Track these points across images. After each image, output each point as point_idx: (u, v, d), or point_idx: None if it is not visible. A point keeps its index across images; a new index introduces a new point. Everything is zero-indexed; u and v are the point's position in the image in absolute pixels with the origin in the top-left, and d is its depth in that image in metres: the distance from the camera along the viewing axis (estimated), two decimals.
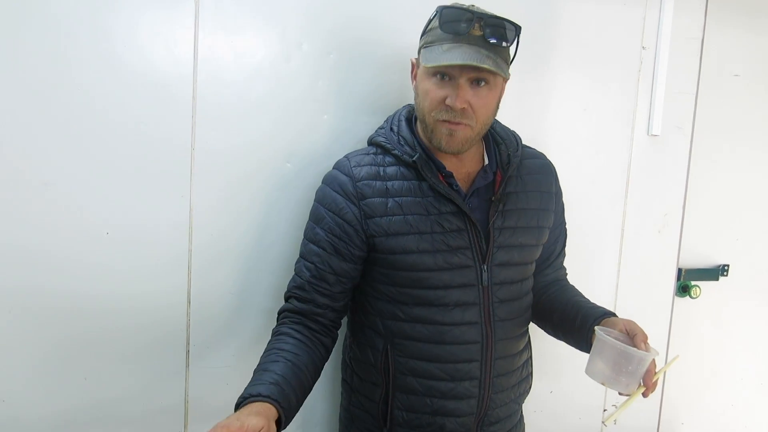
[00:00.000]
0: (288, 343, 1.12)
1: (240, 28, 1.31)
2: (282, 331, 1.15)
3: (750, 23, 1.87)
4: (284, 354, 1.10)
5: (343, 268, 1.18)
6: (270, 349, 1.12)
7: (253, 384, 1.02)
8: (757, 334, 2.03)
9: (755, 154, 1.94)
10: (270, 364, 1.07)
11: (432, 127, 1.14)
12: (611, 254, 1.75)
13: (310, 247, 1.19)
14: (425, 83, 1.13)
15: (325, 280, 1.17)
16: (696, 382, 1.98)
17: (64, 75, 1.19)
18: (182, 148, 1.29)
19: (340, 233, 1.16)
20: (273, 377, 1.03)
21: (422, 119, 1.16)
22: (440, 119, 1.12)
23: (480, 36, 1.09)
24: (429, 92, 1.12)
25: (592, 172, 1.70)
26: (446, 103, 1.11)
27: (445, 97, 1.11)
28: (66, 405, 1.27)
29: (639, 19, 1.70)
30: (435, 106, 1.12)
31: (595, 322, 1.18)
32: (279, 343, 1.12)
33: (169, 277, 1.31)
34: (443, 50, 1.08)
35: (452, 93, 1.10)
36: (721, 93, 1.85)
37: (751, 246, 1.98)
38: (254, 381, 1.04)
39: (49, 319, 1.24)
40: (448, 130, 1.13)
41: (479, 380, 1.20)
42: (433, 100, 1.12)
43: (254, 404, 0.97)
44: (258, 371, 1.07)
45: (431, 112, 1.13)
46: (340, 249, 1.17)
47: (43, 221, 1.21)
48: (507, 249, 1.21)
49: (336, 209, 1.17)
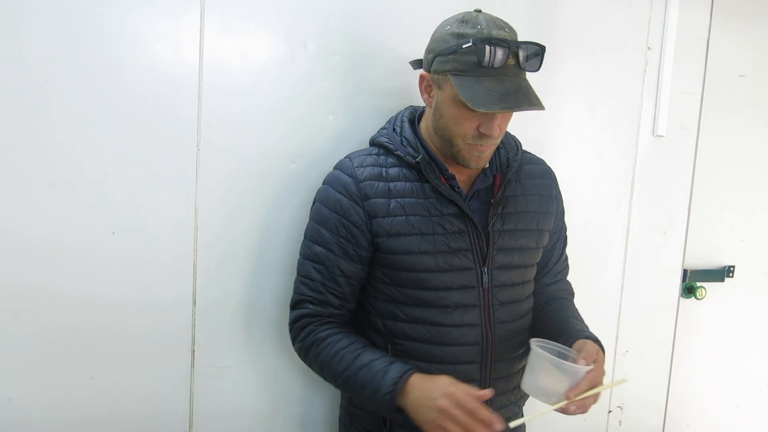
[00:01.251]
0: (342, 339, 1.16)
1: (245, 29, 1.31)
2: (323, 336, 1.17)
3: (755, 24, 1.87)
4: (355, 346, 1.14)
5: (351, 269, 1.18)
6: (336, 353, 1.14)
7: (381, 377, 1.07)
8: (763, 335, 2.03)
9: (761, 155, 1.94)
10: (359, 359, 1.11)
11: (461, 148, 1.14)
12: (616, 255, 1.75)
13: (317, 249, 1.18)
14: (454, 110, 1.10)
15: (336, 282, 1.17)
16: (701, 383, 1.97)
17: (69, 75, 1.19)
18: (188, 149, 1.29)
19: (347, 234, 1.16)
20: (383, 362, 1.10)
21: (448, 139, 1.15)
22: (474, 143, 1.13)
23: (514, 65, 1.08)
24: (459, 120, 1.11)
25: (598, 172, 1.69)
26: (481, 131, 1.11)
27: (477, 126, 1.11)
28: (71, 405, 1.28)
29: (644, 20, 1.70)
30: (468, 133, 1.12)
31: (574, 340, 1.16)
32: (338, 344, 1.15)
33: (174, 277, 1.32)
34: (486, 87, 1.05)
35: (487, 123, 1.10)
36: (727, 93, 1.85)
37: (756, 247, 1.97)
38: (374, 375, 1.08)
39: (55, 319, 1.24)
40: (478, 152, 1.14)
41: (479, 382, 1.20)
42: (465, 128, 1.11)
43: (412, 380, 1.06)
44: (358, 372, 1.10)
45: (464, 137, 1.12)
46: (348, 250, 1.17)
47: (48, 221, 1.21)
48: (507, 251, 1.21)
49: (341, 210, 1.16)
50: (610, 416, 1.81)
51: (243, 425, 1.41)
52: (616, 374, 1.78)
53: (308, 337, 1.18)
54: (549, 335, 1.24)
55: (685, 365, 1.91)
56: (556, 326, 1.27)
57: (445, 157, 1.20)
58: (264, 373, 1.42)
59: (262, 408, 1.43)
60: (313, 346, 1.17)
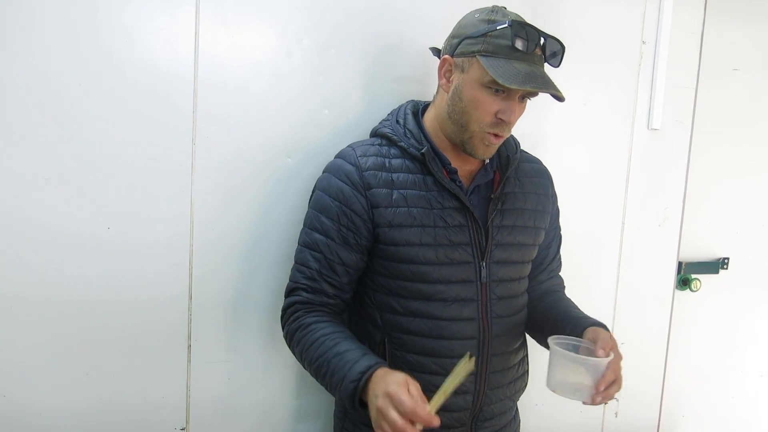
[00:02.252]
0: (326, 327, 1.13)
1: (241, 23, 1.31)
2: (309, 322, 1.15)
3: (749, 17, 1.87)
4: (336, 335, 1.11)
5: (351, 258, 1.17)
6: (317, 339, 1.11)
7: (349, 366, 1.04)
8: (758, 326, 2.04)
9: (754, 148, 1.94)
10: (336, 347, 1.08)
11: (474, 134, 1.15)
12: (612, 248, 1.76)
13: (316, 237, 1.18)
14: (477, 92, 1.12)
15: (334, 270, 1.17)
16: (697, 374, 1.98)
17: (64, 70, 1.19)
18: (183, 143, 1.29)
19: (348, 223, 1.16)
20: (357, 352, 1.06)
21: (463, 124, 1.15)
22: (489, 131, 1.14)
23: (540, 56, 1.12)
24: (482, 104, 1.12)
25: (593, 166, 1.70)
26: (499, 117, 1.12)
27: (497, 111, 1.12)
28: (68, 400, 1.28)
29: (639, 14, 1.70)
30: (487, 119, 1.13)
31: (582, 330, 1.18)
32: (320, 331, 1.12)
33: (170, 271, 1.31)
34: (513, 67, 1.07)
35: (507, 108, 1.12)
36: (721, 87, 1.86)
37: (750, 239, 1.98)
38: (344, 364, 1.04)
39: (50, 315, 1.24)
40: (489, 142, 1.15)
41: (475, 376, 1.20)
42: (486, 113, 1.12)
43: (377, 373, 1.01)
44: (331, 359, 1.07)
45: (481, 122, 1.13)
46: (348, 239, 1.16)
47: (44, 218, 1.21)
48: (505, 247, 1.22)
49: (343, 199, 1.16)
50: (606, 408, 1.82)
51: (239, 419, 1.42)
52: None
53: (294, 323, 1.17)
54: (551, 326, 1.26)
55: (680, 357, 1.92)
56: (557, 317, 1.28)
57: (449, 149, 1.20)
58: (260, 368, 1.42)
59: (258, 402, 1.43)
60: (297, 331, 1.15)
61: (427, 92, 1.36)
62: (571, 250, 1.46)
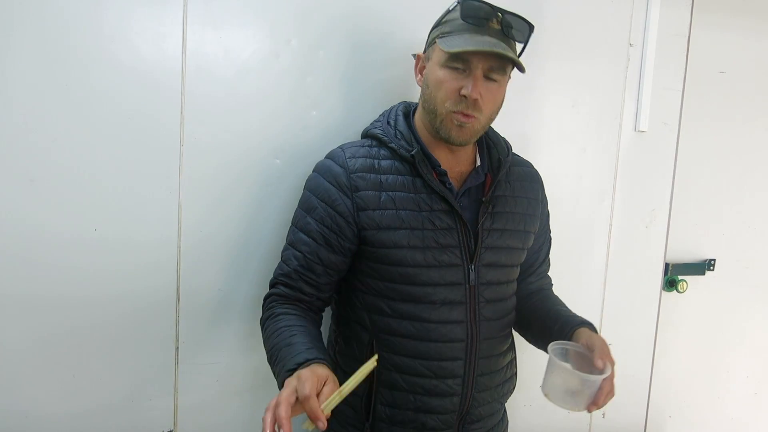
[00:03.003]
0: (291, 319, 1.13)
1: (229, 24, 1.31)
2: (279, 312, 1.15)
3: (735, 21, 1.89)
4: (296, 328, 1.10)
5: (331, 260, 1.17)
6: (278, 329, 1.11)
7: (291, 357, 1.02)
8: (743, 327, 2.05)
9: (741, 150, 1.96)
10: (291, 338, 1.07)
11: (443, 117, 1.15)
12: (599, 249, 1.77)
13: (300, 236, 1.18)
14: (439, 73, 1.13)
15: (313, 270, 1.17)
16: (683, 375, 2.00)
17: (50, 71, 1.18)
18: (171, 144, 1.29)
19: (332, 224, 1.16)
20: (304, 345, 1.04)
21: (432, 109, 1.16)
22: (454, 110, 1.13)
23: (498, 30, 1.11)
24: (444, 82, 1.13)
25: (580, 167, 1.71)
26: (461, 93, 1.11)
27: (460, 88, 1.11)
28: (54, 403, 1.27)
29: (626, 17, 1.71)
30: (449, 97, 1.13)
31: (571, 330, 1.19)
32: (284, 321, 1.12)
33: (158, 273, 1.31)
34: (464, 39, 1.09)
35: (468, 83, 1.11)
36: (707, 89, 1.87)
37: (736, 241, 2.00)
38: (289, 354, 1.03)
39: (37, 317, 1.23)
40: (459, 122, 1.14)
41: (462, 378, 1.20)
42: (448, 90, 1.12)
43: (308, 367, 0.97)
44: (282, 348, 1.06)
45: (445, 102, 1.13)
46: (331, 241, 1.16)
47: (30, 218, 1.20)
48: (494, 250, 1.22)
49: (329, 200, 1.16)
50: None
51: (228, 421, 1.41)
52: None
53: (267, 311, 1.18)
54: (538, 324, 1.28)
55: (667, 357, 1.93)
56: (544, 315, 1.29)
57: (440, 151, 1.20)
58: (248, 369, 1.41)
59: (246, 404, 1.42)
60: (267, 320, 1.16)
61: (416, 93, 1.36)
62: (559, 251, 1.46)
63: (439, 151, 1.21)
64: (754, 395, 2.13)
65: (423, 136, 1.21)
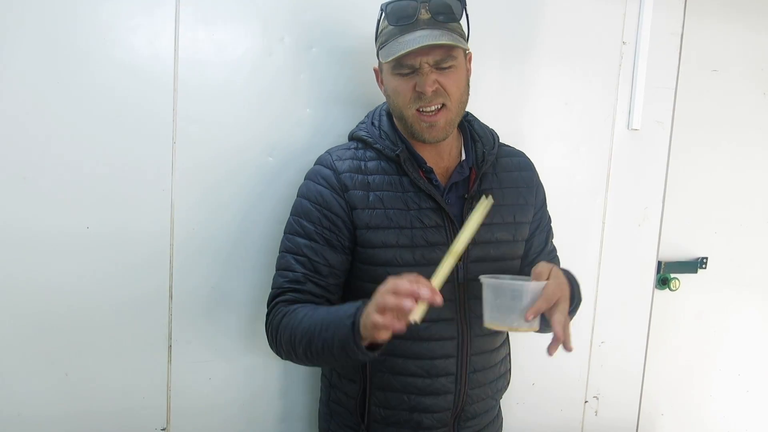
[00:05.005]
0: (309, 306, 1.11)
1: (221, 22, 1.30)
2: (292, 308, 1.12)
3: (728, 19, 1.89)
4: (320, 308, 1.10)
5: (336, 259, 1.17)
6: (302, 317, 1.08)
7: (341, 313, 1.01)
8: (735, 325, 2.06)
9: (733, 148, 1.97)
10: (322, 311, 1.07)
11: (411, 121, 1.15)
12: (592, 247, 1.77)
13: (299, 241, 1.17)
14: (392, 82, 1.15)
15: (319, 272, 1.16)
16: (676, 373, 2.01)
17: (43, 67, 1.18)
18: (163, 142, 1.28)
19: (330, 225, 1.16)
20: (342, 306, 1.04)
21: (400, 116, 1.17)
22: (416, 110, 1.13)
23: (429, 18, 1.10)
24: (398, 88, 1.14)
25: (573, 166, 1.71)
26: (416, 90, 1.11)
27: (413, 87, 1.12)
28: (46, 402, 1.26)
29: (619, 15, 1.71)
30: (408, 99, 1.13)
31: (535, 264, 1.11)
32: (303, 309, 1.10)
33: (150, 271, 1.31)
34: (399, 43, 1.10)
35: (419, 80, 1.11)
36: (700, 88, 1.88)
37: (728, 239, 2.01)
38: (336, 314, 1.02)
39: (29, 315, 1.23)
40: (427, 123, 1.14)
41: (455, 376, 1.20)
42: (404, 94, 1.13)
43: None
44: (323, 319, 1.04)
45: (406, 106, 1.14)
46: (332, 240, 1.16)
47: (22, 216, 1.20)
48: (482, 245, 1.21)
49: (323, 202, 1.16)
50: (586, 406, 1.83)
51: (221, 420, 1.41)
52: (592, 364, 1.81)
53: (278, 316, 1.14)
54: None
55: (659, 355, 1.94)
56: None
57: (424, 149, 1.20)
58: (242, 368, 1.41)
59: (240, 403, 1.42)
60: (283, 319, 1.12)
61: None
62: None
63: (424, 148, 1.20)
64: (746, 393, 2.14)
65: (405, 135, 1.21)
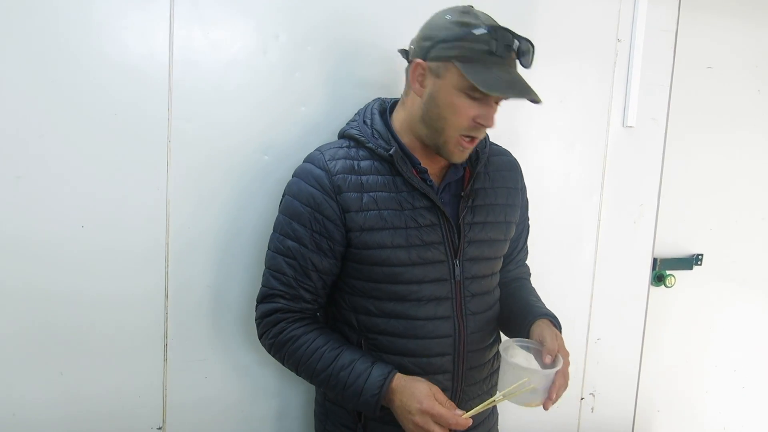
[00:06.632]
0: (320, 338, 1.16)
1: (216, 20, 1.30)
2: (298, 334, 1.17)
3: (722, 16, 1.90)
4: (332, 344, 1.15)
5: (324, 264, 1.17)
6: (314, 352, 1.15)
7: (365, 379, 1.10)
8: (730, 321, 2.07)
9: (727, 145, 1.97)
10: (341, 358, 1.13)
11: (450, 141, 1.13)
12: (588, 245, 1.77)
13: (289, 244, 1.16)
14: (454, 98, 1.10)
15: (309, 276, 1.16)
16: (671, 369, 2.01)
17: (37, 67, 1.17)
18: (158, 141, 1.28)
19: (321, 229, 1.15)
20: (362, 361, 1.13)
21: (439, 129, 1.13)
22: (465, 135, 1.13)
23: (515, 59, 1.11)
24: (460, 108, 1.10)
25: (569, 163, 1.71)
26: (478, 122, 1.11)
27: (475, 116, 1.10)
28: (42, 401, 1.26)
29: (614, 12, 1.71)
30: (464, 123, 1.11)
31: (531, 323, 1.22)
32: (314, 342, 1.15)
33: (146, 270, 1.30)
34: (496, 75, 1.07)
35: (485, 113, 1.11)
36: (695, 85, 1.88)
37: (723, 235, 2.01)
38: (359, 376, 1.11)
39: (24, 315, 1.22)
40: (462, 148, 1.14)
41: (452, 373, 1.21)
42: (462, 116, 1.10)
43: (396, 384, 1.10)
44: (342, 370, 1.12)
45: (458, 127, 1.11)
46: (322, 245, 1.15)
47: (16, 216, 1.19)
48: (477, 244, 1.22)
49: (314, 204, 1.14)
50: (583, 403, 1.83)
51: (217, 419, 1.41)
52: (588, 361, 1.81)
53: (282, 334, 1.17)
54: (507, 312, 1.30)
55: (655, 352, 1.95)
56: (514, 304, 1.31)
57: (418, 149, 1.19)
58: (237, 366, 1.41)
59: (236, 401, 1.42)
60: (288, 344, 1.16)
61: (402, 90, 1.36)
62: (548, 246, 1.47)
63: (418, 148, 1.19)
64: (742, 389, 2.15)
65: (402, 135, 1.19)
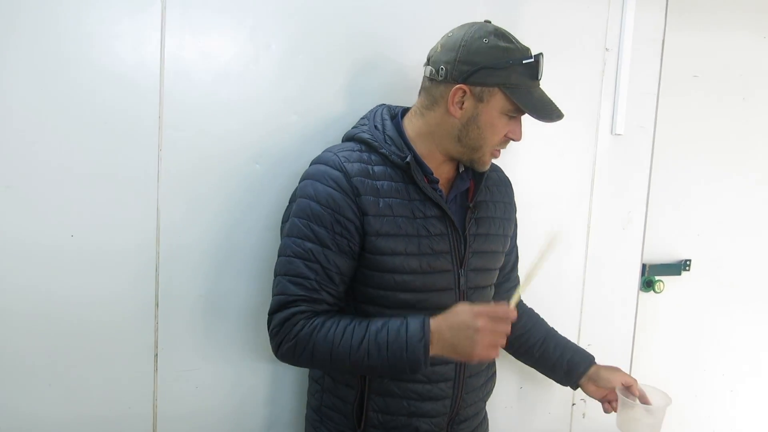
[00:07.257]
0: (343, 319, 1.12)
1: (207, 29, 1.30)
2: (321, 321, 1.11)
3: (707, 26, 1.92)
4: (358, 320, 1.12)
5: (347, 266, 1.14)
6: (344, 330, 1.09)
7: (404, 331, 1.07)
8: (719, 326, 2.09)
9: (714, 152, 1.99)
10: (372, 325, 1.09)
11: (483, 154, 1.19)
12: (577, 251, 1.78)
13: (309, 246, 1.12)
14: (496, 119, 1.16)
15: (332, 279, 1.13)
16: (661, 374, 2.02)
17: (28, 75, 1.17)
18: (149, 149, 1.28)
19: (342, 230, 1.12)
20: (394, 320, 1.09)
21: (476, 147, 1.18)
22: (494, 150, 1.21)
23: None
24: (498, 128, 1.17)
25: (558, 171, 1.72)
26: (509, 137, 1.19)
27: (508, 132, 1.19)
28: (30, 413, 1.25)
29: (602, 21, 1.73)
30: (497, 141, 1.19)
31: (584, 370, 1.41)
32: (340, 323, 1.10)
33: (136, 279, 1.30)
34: (537, 98, 1.16)
35: (515, 129, 1.19)
36: (682, 93, 1.90)
37: (711, 241, 2.03)
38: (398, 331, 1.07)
39: (13, 325, 1.21)
40: (493, 157, 1.22)
41: (453, 381, 1.23)
42: (499, 134, 1.18)
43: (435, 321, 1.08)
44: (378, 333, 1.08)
45: (494, 144, 1.19)
46: (343, 246, 1.13)
47: (5, 225, 1.18)
48: (480, 255, 1.24)
49: (335, 205, 1.12)
50: (574, 409, 1.84)
51: (208, 428, 1.40)
52: None
53: (304, 329, 1.10)
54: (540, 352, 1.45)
55: (644, 357, 1.96)
56: (545, 345, 1.45)
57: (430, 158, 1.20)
58: (228, 376, 1.41)
59: (227, 411, 1.42)
60: (314, 332, 1.09)
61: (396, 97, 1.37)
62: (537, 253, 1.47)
63: (431, 158, 1.20)
64: (730, 392, 2.16)
65: (414, 143, 1.20)
